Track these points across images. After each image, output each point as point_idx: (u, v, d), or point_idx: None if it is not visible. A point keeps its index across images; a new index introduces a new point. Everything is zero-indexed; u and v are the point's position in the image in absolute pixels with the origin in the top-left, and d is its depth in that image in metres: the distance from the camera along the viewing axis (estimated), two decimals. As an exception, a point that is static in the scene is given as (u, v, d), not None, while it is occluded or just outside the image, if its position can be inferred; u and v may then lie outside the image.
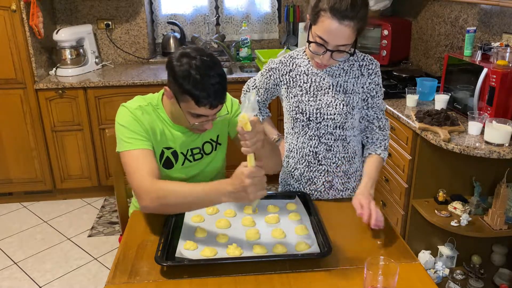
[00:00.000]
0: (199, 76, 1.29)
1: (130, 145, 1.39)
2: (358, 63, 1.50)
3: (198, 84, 1.29)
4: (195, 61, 1.30)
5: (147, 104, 1.48)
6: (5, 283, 2.51)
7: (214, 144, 1.59)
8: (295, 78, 1.54)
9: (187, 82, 1.30)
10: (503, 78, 1.97)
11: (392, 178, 2.50)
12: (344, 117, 1.51)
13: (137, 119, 1.42)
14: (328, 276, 1.17)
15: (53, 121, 3.15)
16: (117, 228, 3.01)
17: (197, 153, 1.55)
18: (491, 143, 1.92)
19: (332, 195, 1.63)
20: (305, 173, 1.63)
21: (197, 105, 1.33)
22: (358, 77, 1.50)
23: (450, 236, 2.28)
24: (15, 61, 3.01)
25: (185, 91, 1.31)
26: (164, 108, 1.50)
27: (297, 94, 1.53)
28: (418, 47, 3.27)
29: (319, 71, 1.51)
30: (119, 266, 1.22)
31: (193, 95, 1.31)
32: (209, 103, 1.32)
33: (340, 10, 1.28)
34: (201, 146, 1.56)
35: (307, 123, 1.54)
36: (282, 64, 1.57)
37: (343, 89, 1.50)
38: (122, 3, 3.52)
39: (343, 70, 1.51)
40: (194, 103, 1.32)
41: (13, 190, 3.33)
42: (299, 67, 1.54)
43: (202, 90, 1.30)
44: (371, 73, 1.50)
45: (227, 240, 1.30)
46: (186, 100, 1.34)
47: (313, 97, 1.51)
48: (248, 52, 3.67)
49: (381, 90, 1.54)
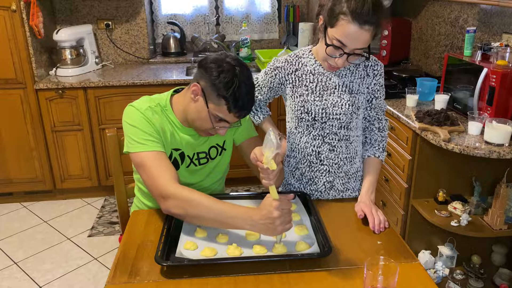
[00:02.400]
0: (241, 84, 1.33)
1: (145, 146, 1.38)
2: (363, 63, 1.51)
3: (237, 92, 1.33)
4: (238, 68, 1.34)
5: (156, 105, 1.46)
6: (5, 283, 2.51)
7: (219, 150, 1.60)
8: (301, 77, 1.54)
9: (228, 87, 1.32)
10: (503, 78, 1.97)
11: (392, 178, 2.50)
12: (349, 117, 1.52)
13: (148, 120, 1.41)
14: (328, 276, 1.17)
15: (53, 121, 3.15)
16: (117, 228, 3.01)
17: (203, 157, 1.56)
18: (491, 143, 1.92)
19: (332, 196, 1.63)
20: (306, 173, 1.63)
21: (228, 111, 1.36)
22: (363, 78, 1.51)
23: (450, 236, 2.28)
24: (15, 61, 3.01)
25: (223, 94, 1.33)
26: (172, 109, 1.49)
27: (303, 93, 1.53)
28: (418, 47, 3.26)
29: (325, 71, 1.51)
30: (119, 266, 1.22)
31: (229, 101, 1.34)
32: (240, 112, 1.37)
33: (362, 15, 1.28)
34: (207, 151, 1.56)
35: (312, 122, 1.54)
36: (288, 63, 1.56)
37: (349, 89, 1.51)
38: (122, 3, 3.52)
39: (349, 70, 1.51)
40: (227, 108, 1.35)
41: (13, 190, 3.33)
42: (305, 66, 1.54)
43: (240, 99, 1.34)
44: (376, 74, 1.51)
45: (227, 240, 1.30)
46: (219, 104, 1.35)
47: (319, 97, 1.52)
48: (248, 52, 3.66)
49: (383, 91, 1.56)
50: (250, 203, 1.51)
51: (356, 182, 1.65)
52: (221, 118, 1.39)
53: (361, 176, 1.66)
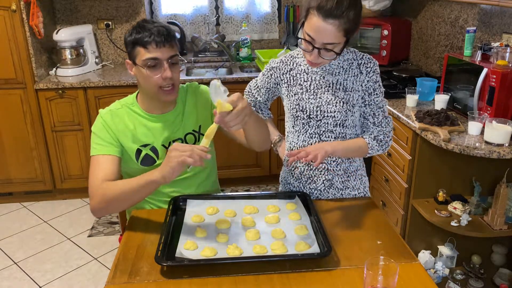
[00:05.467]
0: (140, 25, 1.43)
1: (95, 150, 1.48)
2: (357, 61, 1.52)
3: (140, 30, 1.42)
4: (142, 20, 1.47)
5: (120, 107, 1.55)
6: (5, 283, 2.51)
7: (197, 135, 1.61)
8: (296, 76, 1.56)
9: (131, 34, 1.44)
10: (503, 78, 1.97)
11: (392, 178, 2.50)
12: (344, 115, 1.52)
13: (105, 125, 1.51)
14: (328, 276, 1.17)
15: (53, 121, 3.15)
16: (117, 228, 3.01)
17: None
18: (491, 143, 1.92)
19: (332, 194, 1.63)
20: (305, 172, 1.63)
21: (144, 48, 1.41)
22: (357, 75, 1.52)
23: (450, 236, 2.28)
24: (15, 61, 3.01)
25: (132, 42, 1.43)
26: (138, 103, 1.56)
27: (298, 92, 1.55)
28: (418, 47, 3.27)
29: (319, 70, 1.52)
30: (119, 266, 1.22)
31: (137, 40, 1.41)
32: (154, 41, 1.40)
33: (325, 9, 1.31)
34: (183, 137, 1.59)
35: (307, 120, 1.55)
36: (282, 63, 1.59)
37: (343, 87, 1.51)
38: (122, 3, 3.52)
39: (342, 68, 1.52)
40: (142, 47, 1.42)
41: (13, 190, 3.33)
42: (299, 66, 1.56)
43: (144, 32, 1.41)
44: (369, 71, 1.51)
45: (227, 240, 1.30)
46: (137, 53, 1.43)
47: (313, 95, 1.53)
48: (248, 52, 3.66)
49: (380, 88, 1.54)
50: (250, 203, 1.50)
51: (356, 180, 1.65)
52: (151, 59, 1.42)
53: (361, 174, 1.66)
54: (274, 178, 3.58)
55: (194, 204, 1.49)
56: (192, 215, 1.42)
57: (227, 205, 1.49)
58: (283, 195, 1.59)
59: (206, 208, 1.46)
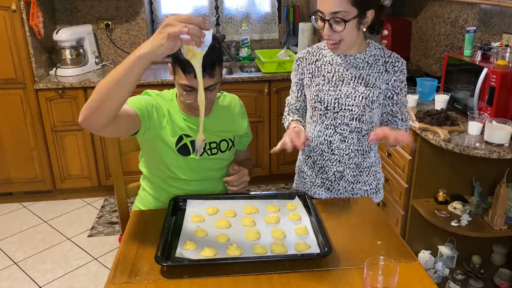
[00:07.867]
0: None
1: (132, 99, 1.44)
2: (384, 59, 1.54)
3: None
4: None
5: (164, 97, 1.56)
6: (5, 283, 2.51)
7: (230, 144, 1.63)
8: (320, 67, 1.59)
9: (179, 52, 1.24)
10: (503, 78, 1.97)
11: (392, 178, 2.50)
12: (362, 110, 1.53)
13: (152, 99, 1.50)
14: (328, 276, 1.17)
15: (53, 121, 3.15)
16: (117, 228, 3.01)
17: (214, 147, 1.59)
18: (491, 143, 1.92)
19: (343, 187, 1.65)
20: (318, 161, 1.65)
21: (183, 73, 1.38)
22: (381, 73, 1.53)
23: (450, 236, 2.28)
24: (15, 61, 3.01)
25: (176, 59, 1.39)
26: (176, 101, 1.56)
27: (319, 83, 1.57)
28: (418, 47, 3.27)
29: (343, 62, 1.54)
30: (119, 266, 1.22)
31: (181, 62, 1.37)
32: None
33: None
34: (218, 142, 1.59)
35: (324, 112, 1.57)
36: (309, 53, 1.63)
37: (365, 82, 1.53)
38: (122, 3, 3.52)
39: (367, 63, 1.54)
40: (181, 70, 1.38)
41: (13, 190, 3.33)
42: (324, 57, 1.59)
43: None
44: (396, 70, 1.53)
45: (227, 240, 1.30)
46: (177, 71, 1.41)
47: (334, 87, 1.55)
48: (248, 52, 3.66)
49: (405, 87, 1.58)
50: (250, 203, 1.50)
51: (370, 176, 1.66)
52: (186, 85, 1.40)
53: (375, 170, 1.67)
54: (274, 178, 3.59)
55: (194, 204, 1.49)
56: (192, 215, 1.42)
57: (227, 205, 1.49)
58: (283, 195, 1.59)
59: (206, 208, 1.46)
